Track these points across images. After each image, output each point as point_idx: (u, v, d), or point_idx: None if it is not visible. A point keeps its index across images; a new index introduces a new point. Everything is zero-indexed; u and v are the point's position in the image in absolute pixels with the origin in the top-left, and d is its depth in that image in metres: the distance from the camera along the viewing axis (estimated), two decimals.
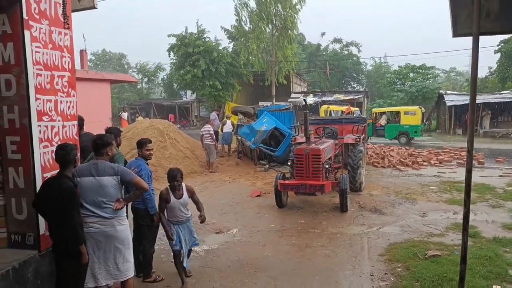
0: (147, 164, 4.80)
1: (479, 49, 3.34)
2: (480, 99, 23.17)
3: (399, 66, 43.37)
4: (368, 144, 14.21)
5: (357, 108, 25.17)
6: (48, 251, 3.87)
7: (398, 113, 21.33)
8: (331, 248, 5.80)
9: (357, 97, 29.65)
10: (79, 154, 3.81)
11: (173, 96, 43.05)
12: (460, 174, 11.00)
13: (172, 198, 4.52)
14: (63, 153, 3.51)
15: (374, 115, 21.93)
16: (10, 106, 3.82)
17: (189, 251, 4.85)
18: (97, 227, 3.58)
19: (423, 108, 22.23)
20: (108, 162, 3.70)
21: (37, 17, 3.87)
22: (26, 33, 3.73)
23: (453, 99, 24.97)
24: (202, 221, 4.73)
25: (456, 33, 3.50)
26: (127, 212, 3.97)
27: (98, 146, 3.71)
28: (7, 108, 3.84)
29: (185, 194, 4.63)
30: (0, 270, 3.41)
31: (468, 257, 3.88)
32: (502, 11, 3.31)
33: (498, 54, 31.82)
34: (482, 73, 39.90)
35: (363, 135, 10.30)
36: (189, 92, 38.94)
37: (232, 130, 15.00)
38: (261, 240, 6.23)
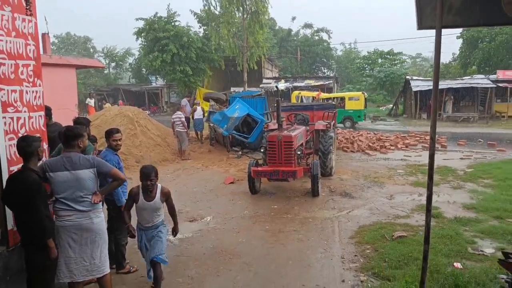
0: (116, 154, 4.70)
1: (443, 36, 3.50)
2: (443, 84, 24.06)
3: (368, 52, 44.28)
4: (338, 129, 14.52)
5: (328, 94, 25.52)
6: (17, 246, 3.78)
7: (343, 98, 22.22)
8: (303, 232, 5.98)
9: (327, 82, 30.07)
10: (46, 145, 3.68)
11: (142, 81, 42.00)
12: (424, 157, 11.50)
13: (141, 199, 4.02)
14: (24, 145, 3.41)
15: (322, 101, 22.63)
16: None
17: (154, 264, 4.07)
18: (73, 220, 3.50)
19: (365, 94, 23.13)
20: (81, 155, 3.61)
21: None
22: None
23: (419, 84, 25.77)
24: (175, 235, 4.36)
25: (421, 25, 3.62)
26: (102, 203, 3.93)
27: (69, 138, 3.60)
28: None
29: (158, 197, 4.06)
30: None
31: (431, 236, 4.13)
32: (463, 5, 3.46)
33: (461, 40, 32.98)
34: (445, 59, 41.33)
35: (333, 121, 10.52)
36: (159, 78, 38.18)
37: (203, 117, 14.89)
38: (235, 227, 6.33)
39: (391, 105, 30.54)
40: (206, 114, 15.45)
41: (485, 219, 6.19)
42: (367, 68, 43.31)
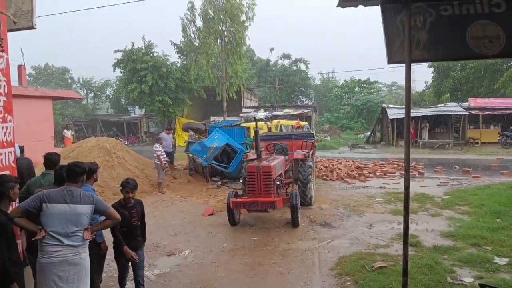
0: (93, 189, 4.60)
1: (416, 65, 3.66)
2: (418, 112, 24.85)
3: (345, 81, 45.61)
4: (317, 158, 14.66)
5: (306, 123, 25.92)
6: None
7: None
8: (283, 265, 5.90)
9: (306, 111, 30.56)
10: (17, 188, 3.55)
11: (121, 111, 41.74)
12: (403, 185, 11.66)
13: None
14: None
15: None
16: None
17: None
18: (61, 256, 3.36)
19: (269, 124, 23.18)
20: (82, 190, 3.59)
21: None
22: None
23: (395, 112, 26.53)
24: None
25: (391, 60, 3.79)
26: None
27: (76, 173, 3.58)
28: None
29: None
30: None
31: (410, 266, 4.16)
32: (430, 41, 3.65)
33: (432, 69, 34.43)
34: (419, 87, 42.93)
35: (312, 150, 10.64)
36: (137, 108, 38.04)
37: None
38: (214, 261, 6.19)
39: (369, 133, 31.22)
40: (184, 145, 15.37)
41: (463, 247, 6.27)
42: (345, 97, 44.48)
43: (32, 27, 4.78)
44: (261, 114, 28.81)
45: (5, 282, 3.19)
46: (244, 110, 32.13)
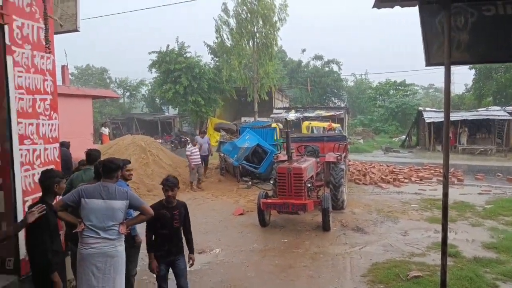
0: (127, 185, 4.74)
1: (455, 68, 3.55)
2: (458, 116, 23.88)
3: (379, 82, 44.61)
4: (349, 161, 14.44)
5: (339, 125, 25.58)
6: (28, 276, 3.80)
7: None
8: (314, 268, 5.86)
9: (338, 113, 30.12)
10: (63, 183, 3.71)
11: (155, 111, 42.83)
12: (440, 191, 11.14)
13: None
14: (43, 178, 3.53)
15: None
16: None
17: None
18: (99, 248, 3.54)
19: (280, 125, 22.46)
20: (117, 186, 3.73)
21: (20, 42, 3.89)
22: (9, 58, 3.75)
23: (432, 115, 25.65)
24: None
25: (429, 62, 3.69)
26: None
27: (110, 169, 3.73)
28: None
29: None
30: None
31: (449, 278, 4.01)
32: (471, 42, 3.52)
33: (473, 71, 33.03)
34: (459, 90, 41.30)
35: (344, 153, 10.49)
36: (171, 108, 38.90)
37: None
38: (244, 261, 6.24)
39: (404, 136, 30.36)
40: (216, 145, 15.56)
41: (507, 260, 5.94)
42: (379, 99, 43.48)
43: (76, 30, 5.02)
44: (292, 115, 28.73)
45: (47, 271, 3.36)
46: (275, 111, 32.11)
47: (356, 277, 5.49)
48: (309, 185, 7.90)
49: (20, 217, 3.84)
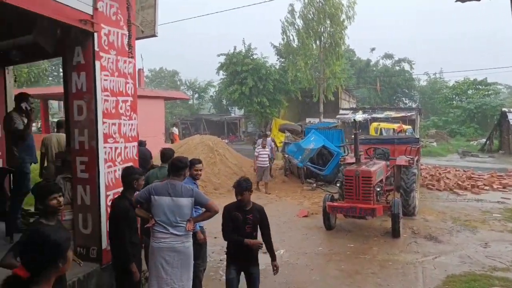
0: (195, 183, 4.90)
1: None
2: None
3: (456, 82, 41.55)
4: (421, 165, 13.64)
5: (410, 126, 24.26)
6: (109, 264, 4.13)
7: None
8: (382, 276, 5.63)
9: (409, 114, 28.57)
10: (142, 180, 3.96)
11: (222, 111, 44.19)
12: None
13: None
14: (124, 174, 3.81)
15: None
16: (81, 129, 4.20)
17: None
18: (168, 242, 3.73)
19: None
20: (184, 184, 3.89)
21: (106, 48, 4.24)
22: (97, 63, 4.11)
23: None
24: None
25: None
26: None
27: (178, 167, 3.89)
28: (78, 131, 4.22)
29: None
30: (67, 280, 3.70)
31: None
32: None
33: None
34: None
35: (417, 156, 9.94)
36: (237, 109, 39.86)
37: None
38: (308, 263, 6.18)
39: (484, 140, 27.93)
40: (280, 145, 15.60)
41: None
42: (455, 99, 40.54)
43: (154, 35, 5.36)
44: (359, 116, 27.85)
45: (126, 261, 3.62)
46: (341, 111, 31.41)
47: None
48: (378, 189, 7.60)
49: (103, 210, 4.18)
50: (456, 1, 3.34)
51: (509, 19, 3.35)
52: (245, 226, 3.88)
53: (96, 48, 4.10)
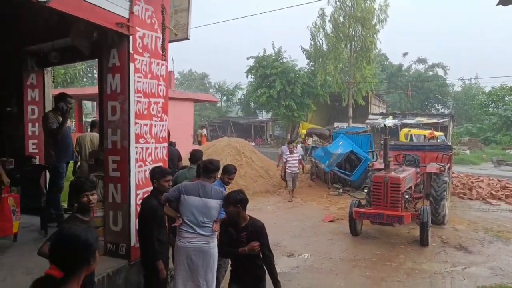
0: (223, 186, 4.90)
1: None
2: None
3: (492, 88, 39.96)
4: (453, 173, 13.20)
5: (442, 133, 23.53)
6: (137, 261, 4.25)
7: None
8: (408, 285, 5.50)
9: (441, 120, 27.73)
10: (170, 180, 4.02)
11: (249, 114, 44.40)
12: None
13: None
14: (151, 174, 3.91)
15: (304, 137, 23.51)
16: (114, 129, 4.34)
17: None
18: (194, 242, 3.80)
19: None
20: (214, 185, 3.97)
21: (141, 50, 4.38)
22: (131, 65, 4.24)
23: None
24: None
25: None
26: None
27: (210, 169, 3.98)
28: (111, 131, 4.37)
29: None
30: (97, 276, 3.83)
31: None
32: None
33: None
34: None
35: (449, 164, 9.64)
36: (264, 112, 39.92)
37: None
38: (333, 269, 6.12)
39: None
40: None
41: None
42: (491, 105, 38.98)
43: (187, 38, 5.48)
44: (389, 121, 27.27)
45: (153, 259, 3.71)
46: (370, 116, 30.87)
47: None
48: (407, 196, 7.44)
49: (133, 208, 4.31)
50: (497, 4, 3.24)
51: None
52: (238, 245, 3.41)
53: (131, 51, 4.23)
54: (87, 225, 2.82)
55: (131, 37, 4.21)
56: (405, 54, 45.75)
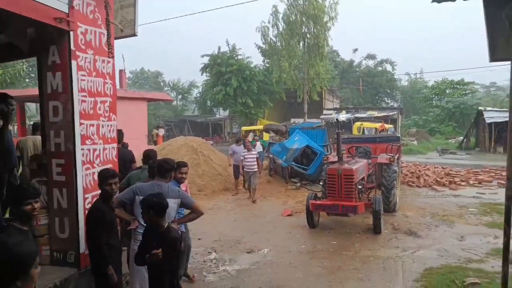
0: (179, 186, 4.80)
1: None
2: None
3: (435, 82, 42.38)
4: (402, 163, 13.84)
5: (391, 125, 24.63)
6: (87, 269, 4.03)
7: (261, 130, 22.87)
8: (364, 271, 5.67)
9: (391, 113, 29.03)
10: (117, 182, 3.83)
11: (206, 112, 44.00)
12: (501, 195, 10.32)
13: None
14: (98, 177, 3.70)
15: (243, 132, 24.06)
16: (57, 131, 4.08)
17: None
18: None
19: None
20: (170, 185, 3.82)
21: (83, 47, 4.14)
22: (73, 63, 4.00)
23: (493, 115, 23.95)
24: None
25: (493, 58, 3.43)
26: None
27: (165, 169, 3.83)
28: (53, 133, 4.10)
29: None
30: (43, 287, 3.59)
31: (510, 285, 3.70)
32: None
33: None
34: None
35: (398, 154, 10.07)
36: (221, 110, 39.76)
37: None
38: (292, 261, 6.18)
39: (462, 138, 28.57)
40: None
41: None
42: (434, 99, 41.34)
43: (134, 35, 5.27)
44: (342, 116, 28.12)
45: (102, 264, 3.52)
46: (325, 112, 31.65)
47: (408, 282, 5.23)
48: (360, 186, 7.67)
49: (81, 213, 4.08)
50: (432, 1, 3.38)
51: (482, 20, 3.42)
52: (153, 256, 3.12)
53: (72, 47, 4.00)
54: (24, 236, 2.61)
55: (72, 33, 3.97)
56: (355, 50, 47.39)
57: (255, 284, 5.33)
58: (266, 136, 21.75)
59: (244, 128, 25.88)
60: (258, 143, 14.46)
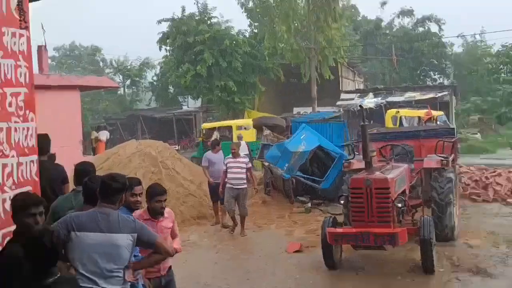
0: (131, 215, 4.72)
1: None
2: None
3: (502, 45, 42.84)
4: (461, 167, 13.97)
5: (442, 112, 24.90)
6: None
7: (230, 128, 23.06)
8: None
9: (440, 95, 29.36)
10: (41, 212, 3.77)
11: (168, 104, 43.95)
12: None
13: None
14: (11, 206, 3.63)
15: (204, 132, 24.19)
16: None
17: None
18: None
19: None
20: (121, 214, 3.77)
21: None
22: None
23: None
24: None
25: None
26: None
27: (112, 190, 3.75)
28: None
29: None
30: None
31: None
32: None
33: None
34: None
35: (453, 154, 10.18)
36: (191, 99, 39.71)
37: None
38: None
39: None
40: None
41: None
42: (503, 70, 41.83)
43: None
44: (369, 101, 28.33)
45: None
46: (343, 95, 31.90)
47: None
48: (399, 204, 7.71)
49: None
50: None
51: None
52: None
53: None
54: None
55: None
56: (383, 3, 47.79)
57: None
58: (249, 136, 21.47)
59: (205, 125, 25.86)
60: (243, 143, 14.50)
